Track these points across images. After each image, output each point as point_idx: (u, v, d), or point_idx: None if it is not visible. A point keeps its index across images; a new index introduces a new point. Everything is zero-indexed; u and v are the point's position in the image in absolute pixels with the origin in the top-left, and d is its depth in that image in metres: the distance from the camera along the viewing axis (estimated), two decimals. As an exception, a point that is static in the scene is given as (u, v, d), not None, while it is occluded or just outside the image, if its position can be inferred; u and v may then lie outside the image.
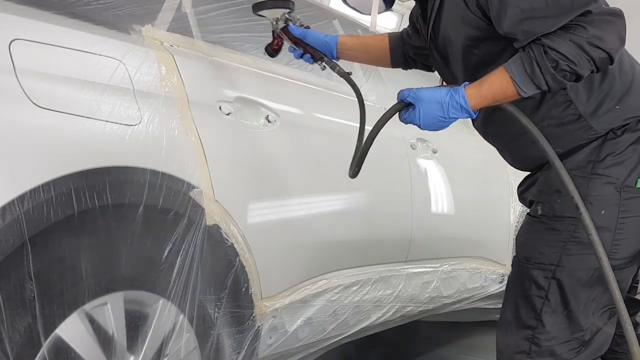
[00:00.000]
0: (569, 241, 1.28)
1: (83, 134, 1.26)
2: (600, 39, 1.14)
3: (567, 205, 1.27)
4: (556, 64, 1.16)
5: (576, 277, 1.28)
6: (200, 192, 1.48)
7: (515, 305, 1.35)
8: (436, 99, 1.28)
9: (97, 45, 1.35)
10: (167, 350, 1.43)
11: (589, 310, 1.30)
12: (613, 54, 1.17)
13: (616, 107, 1.28)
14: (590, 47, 1.14)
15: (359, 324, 2.12)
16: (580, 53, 1.15)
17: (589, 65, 1.17)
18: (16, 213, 1.11)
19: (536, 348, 1.30)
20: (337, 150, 2.04)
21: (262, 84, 1.83)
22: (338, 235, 2.00)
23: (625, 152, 1.26)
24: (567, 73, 1.17)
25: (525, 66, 1.19)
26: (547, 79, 1.18)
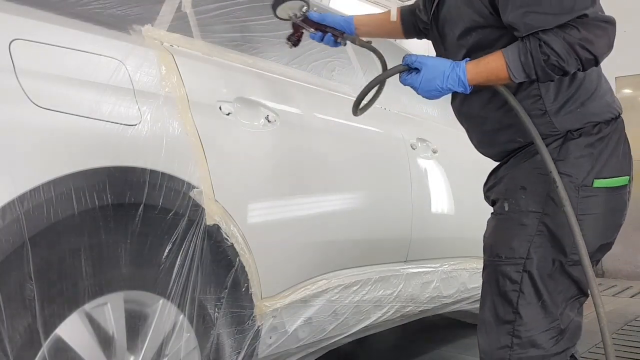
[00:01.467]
0: (535, 234, 1.35)
1: (83, 134, 1.26)
2: (590, 42, 1.24)
3: (532, 200, 1.36)
4: (547, 57, 1.25)
5: (543, 268, 1.34)
6: (200, 192, 1.48)
7: (492, 305, 1.39)
8: (440, 68, 1.37)
9: (97, 45, 1.35)
10: (167, 350, 1.43)
11: (559, 300, 1.36)
12: (599, 58, 1.27)
13: (577, 110, 1.37)
14: (580, 48, 1.24)
15: (359, 324, 2.12)
16: (570, 52, 1.24)
17: (576, 64, 1.26)
18: (16, 213, 1.11)
19: (517, 340, 1.34)
20: (337, 150, 2.05)
21: (262, 84, 1.83)
22: (338, 235, 2.00)
23: (582, 154, 1.34)
24: (556, 68, 1.26)
25: (521, 55, 1.28)
26: (537, 70, 1.28)
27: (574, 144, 1.35)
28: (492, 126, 1.46)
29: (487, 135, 1.50)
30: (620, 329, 3.30)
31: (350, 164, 2.10)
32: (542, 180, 1.34)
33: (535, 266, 1.34)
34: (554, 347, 1.35)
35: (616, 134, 1.39)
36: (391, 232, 2.29)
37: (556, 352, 1.35)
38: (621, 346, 2.96)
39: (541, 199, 1.35)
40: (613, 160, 1.35)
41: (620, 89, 5.21)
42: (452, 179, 2.68)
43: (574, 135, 1.36)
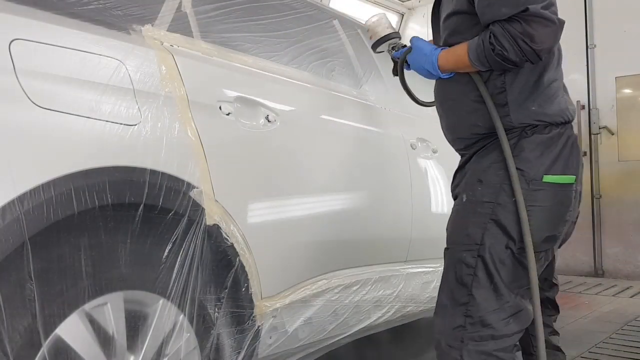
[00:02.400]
0: (488, 222, 1.47)
1: (83, 134, 1.26)
2: (530, 36, 1.37)
3: (487, 191, 1.49)
4: (494, 48, 1.42)
5: (495, 254, 1.45)
6: (200, 192, 1.48)
7: (449, 290, 1.50)
8: (423, 50, 1.62)
9: (97, 45, 1.35)
10: (167, 350, 1.43)
11: (512, 287, 1.45)
12: (540, 52, 1.40)
13: (533, 108, 1.50)
14: (521, 41, 1.38)
15: (359, 324, 2.12)
16: (512, 43, 1.39)
17: (519, 55, 1.40)
18: (16, 213, 1.11)
19: (470, 320, 1.45)
20: (337, 150, 2.05)
21: (262, 84, 1.83)
22: (338, 235, 2.00)
23: (534, 151, 1.47)
24: (502, 58, 1.41)
25: (477, 45, 1.46)
26: (488, 59, 1.44)
27: (527, 142, 1.48)
28: (460, 110, 1.60)
29: (455, 118, 1.64)
30: (620, 329, 3.30)
31: (350, 163, 2.09)
32: (498, 173, 1.48)
33: (487, 252, 1.45)
34: (504, 328, 1.44)
35: (565, 136, 1.51)
36: (391, 232, 2.29)
37: (505, 334, 1.44)
38: (621, 346, 2.96)
39: (495, 190, 1.48)
40: (561, 160, 1.48)
41: (620, 89, 5.21)
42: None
43: (527, 133, 1.49)
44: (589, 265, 5.27)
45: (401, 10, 7.03)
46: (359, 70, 2.42)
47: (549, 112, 1.49)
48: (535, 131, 1.49)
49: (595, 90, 5.28)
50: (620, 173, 5.17)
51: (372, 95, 2.38)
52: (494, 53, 1.41)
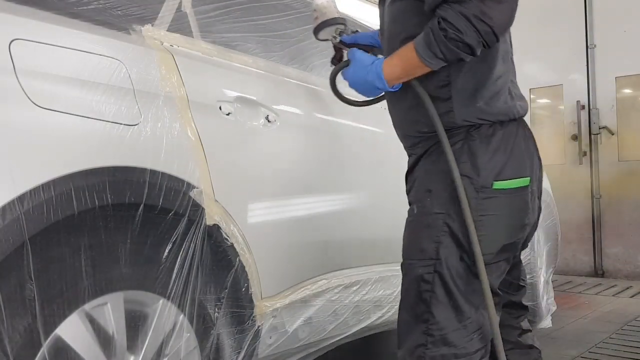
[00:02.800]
0: (441, 234, 1.36)
1: (83, 134, 1.26)
2: (486, 14, 1.23)
3: (437, 202, 1.38)
4: (446, 32, 1.26)
5: (452, 268, 1.35)
6: (200, 192, 1.48)
7: (409, 305, 1.41)
8: (363, 62, 1.43)
9: (97, 45, 1.35)
10: (167, 350, 1.43)
11: (473, 300, 1.37)
12: (497, 31, 1.26)
13: (478, 104, 1.38)
14: (477, 20, 1.23)
15: (359, 324, 2.12)
16: (467, 24, 1.24)
17: (476, 37, 1.25)
18: (16, 213, 1.11)
19: (432, 339, 1.36)
20: (337, 150, 2.05)
21: (262, 84, 1.83)
22: (338, 235, 2.00)
23: (482, 155, 1.35)
24: (457, 42, 1.26)
25: (425, 36, 1.30)
26: (441, 47, 1.28)
27: (475, 146, 1.36)
28: (402, 105, 1.49)
29: (399, 114, 1.54)
30: (620, 329, 3.30)
31: (350, 163, 2.10)
32: (447, 182, 1.36)
33: (444, 267, 1.35)
34: (467, 345, 1.36)
35: (513, 135, 1.39)
36: (391, 232, 2.28)
37: (468, 352, 1.36)
38: (621, 346, 2.96)
39: (445, 200, 1.37)
40: (512, 162, 1.37)
41: (620, 89, 5.21)
42: (452, 179, 2.67)
43: (473, 137, 1.37)
44: (589, 265, 5.27)
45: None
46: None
47: (494, 111, 1.38)
48: (480, 132, 1.37)
49: (595, 90, 5.28)
50: (620, 173, 5.17)
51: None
52: (447, 38, 1.26)
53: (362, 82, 1.43)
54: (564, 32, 5.36)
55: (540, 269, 3.39)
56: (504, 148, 1.37)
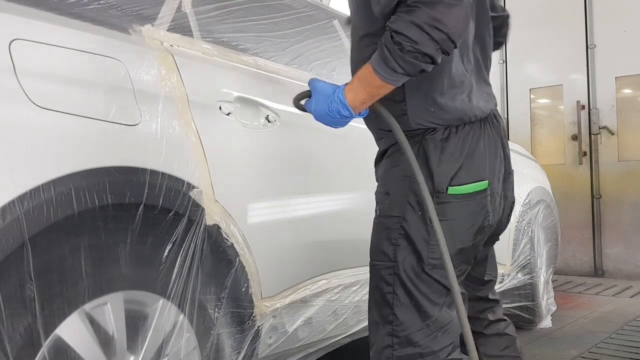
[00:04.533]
0: (398, 237, 1.37)
1: (83, 134, 1.26)
2: (438, 20, 1.16)
3: (394, 205, 1.38)
4: (401, 46, 1.19)
5: (409, 270, 1.36)
6: (200, 192, 1.48)
7: (377, 306, 1.42)
8: (325, 91, 1.37)
9: (97, 45, 1.35)
10: (167, 350, 1.43)
11: (435, 300, 1.37)
12: (452, 36, 1.18)
13: (430, 108, 1.35)
14: (430, 28, 1.17)
15: (359, 324, 2.12)
16: (421, 33, 1.17)
17: (433, 45, 1.18)
18: (16, 213, 1.11)
19: (397, 340, 1.37)
20: (337, 150, 2.05)
21: (262, 84, 1.83)
22: (338, 235, 2.00)
23: (434, 161, 1.34)
24: (415, 54, 1.19)
25: (380, 53, 1.23)
26: (399, 62, 1.21)
27: (429, 150, 1.35)
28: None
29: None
30: (620, 329, 3.30)
31: (351, 163, 2.09)
32: (404, 185, 1.36)
33: (401, 269, 1.36)
34: (432, 344, 1.36)
35: (469, 138, 1.36)
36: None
37: (433, 350, 1.36)
38: (621, 346, 2.96)
39: (402, 204, 1.37)
40: (467, 167, 1.34)
41: (620, 89, 5.21)
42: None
43: (427, 141, 1.36)
44: (589, 265, 5.27)
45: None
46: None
47: (447, 115, 1.35)
48: (434, 137, 1.35)
49: (595, 90, 5.28)
50: (620, 173, 5.17)
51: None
52: (403, 52, 1.19)
53: (326, 114, 1.36)
54: (564, 32, 5.35)
55: (540, 269, 3.39)
56: (459, 152, 1.34)
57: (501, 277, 3.05)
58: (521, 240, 3.18)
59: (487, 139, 1.39)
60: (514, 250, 3.14)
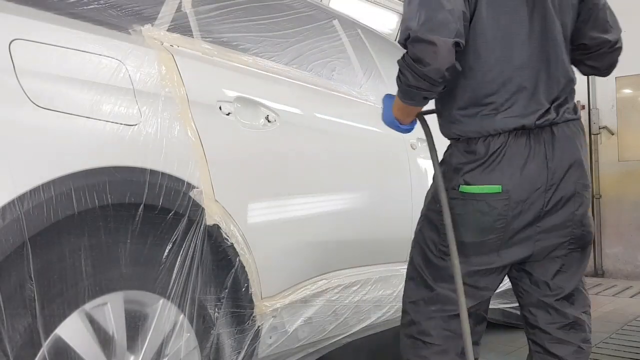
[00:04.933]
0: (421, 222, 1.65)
1: (83, 134, 1.26)
2: (419, 59, 1.35)
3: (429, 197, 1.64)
4: (400, 80, 1.43)
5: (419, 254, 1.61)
6: (200, 192, 1.48)
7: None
8: (387, 104, 1.66)
9: (97, 45, 1.35)
10: (167, 350, 1.43)
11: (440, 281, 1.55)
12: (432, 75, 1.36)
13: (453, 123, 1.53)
14: (415, 63, 1.36)
15: (359, 324, 2.12)
16: (407, 69, 1.39)
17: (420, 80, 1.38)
18: (16, 213, 1.11)
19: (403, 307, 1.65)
20: (337, 150, 2.05)
21: (262, 84, 1.83)
22: (338, 235, 2.00)
23: (454, 164, 1.51)
24: (408, 86, 1.42)
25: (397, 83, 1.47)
26: (403, 92, 1.47)
27: (453, 155, 1.53)
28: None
29: None
30: (620, 329, 3.30)
31: (351, 164, 2.10)
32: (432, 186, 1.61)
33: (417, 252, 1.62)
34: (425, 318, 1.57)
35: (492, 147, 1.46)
36: (391, 232, 2.29)
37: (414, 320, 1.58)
38: (621, 346, 2.96)
39: (430, 196, 1.62)
40: (481, 172, 1.47)
41: (620, 89, 5.21)
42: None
43: (452, 147, 1.55)
44: (589, 265, 5.25)
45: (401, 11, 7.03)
46: (359, 70, 2.42)
47: (465, 129, 1.50)
48: (458, 144, 1.53)
49: (595, 90, 5.28)
50: (620, 173, 5.17)
51: (372, 95, 2.38)
52: (402, 84, 1.43)
53: (389, 124, 1.67)
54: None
55: (540, 269, 3.39)
56: (479, 159, 1.47)
57: (501, 277, 3.04)
58: (521, 240, 3.18)
59: (520, 149, 1.46)
60: (514, 250, 3.14)
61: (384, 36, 3.05)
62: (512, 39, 1.47)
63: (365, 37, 2.65)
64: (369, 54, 2.58)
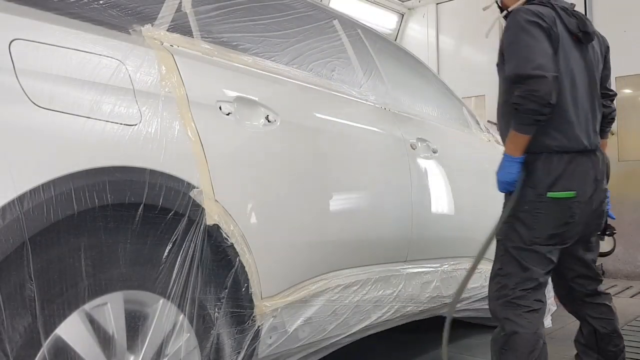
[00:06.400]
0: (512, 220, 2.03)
1: (83, 134, 1.26)
2: (534, 89, 1.82)
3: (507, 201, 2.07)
4: (517, 110, 1.88)
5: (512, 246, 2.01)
6: (200, 192, 1.48)
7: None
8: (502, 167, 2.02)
9: (97, 45, 1.35)
10: (167, 350, 1.43)
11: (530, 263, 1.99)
12: (541, 100, 1.82)
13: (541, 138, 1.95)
14: (532, 91, 1.83)
15: (359, 324, 2.12)
16: (525, 99, 1.84)
17: (535, 104, 1.83)
18: (16, 213, 1.11)
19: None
20: (337, 150, 2.05)
21: (262, 84, 1.83)
22: (338, 235, 2.00)
23: (540, 174, 1.96)
24: (526, 113, 1.86)
25: (513, 115, 1.93)
26: (517, 123, 1.91)
27: (538, 167, 1.96)
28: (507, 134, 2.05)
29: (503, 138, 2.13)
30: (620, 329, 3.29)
31: (350, 164, 2.10)
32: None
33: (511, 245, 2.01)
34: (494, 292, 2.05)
35: (568, 161, 1.95)
36: (391, 232, 2.29)
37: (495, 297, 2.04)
38: (621, 346, 2.95)
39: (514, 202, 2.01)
40: (562, 180, 1.94)
41: (620, 89, 5.21)
42: (452, 179, 2.68)
43: (537, 159, 1.96)
44: (589, 266, 5.26)
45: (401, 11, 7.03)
46: (358, 70, 2.42)
47: (551, 143, 1.95)
48: (540, 157, 1.95)
49: (595, 90, 5.27)
50: (620, 173, 5.17)
51: (372, 95, 2.38)
52: (520, 113, 1.86)
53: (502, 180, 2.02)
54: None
55: (540, 269, 3.39)
56: (558, 169, 1.94)
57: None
58: (521, 240, 3.18)
59: (581, 165, 1.97)
60: (514, 250, 3.14)
61: (384, 36, 3.05)
62: (575, 79, 1.97)
63: (365, 37, 2.65)
64: (369, 54, 2.58)
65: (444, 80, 3.41)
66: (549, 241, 1.98)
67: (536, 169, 1.96)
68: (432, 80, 3.27)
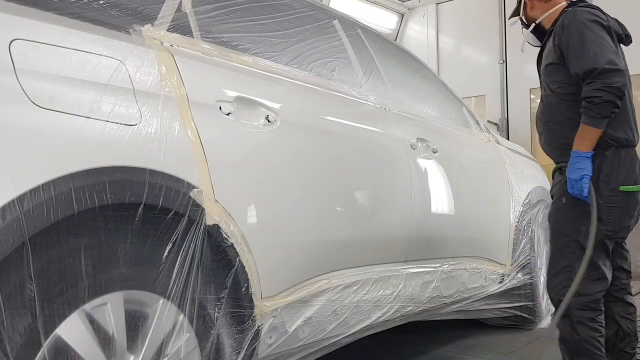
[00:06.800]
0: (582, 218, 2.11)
1: (83, 134, 1.26)
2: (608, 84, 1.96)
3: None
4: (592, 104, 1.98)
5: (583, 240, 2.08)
6: (200, 192, 1.48)
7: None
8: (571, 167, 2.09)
9: (97, 45, 1.35)
10: (167, 350, 1.43)
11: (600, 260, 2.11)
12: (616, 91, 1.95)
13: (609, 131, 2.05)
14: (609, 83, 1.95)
15: (359, 323, 2.12)
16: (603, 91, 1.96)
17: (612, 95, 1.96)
18: (16, 213, 1.11)
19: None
20: (337, 150, 2.05)
21: (262, 84, 1.83)
22: (338, 235, 2.00)
23: (612, 169, 2.05)
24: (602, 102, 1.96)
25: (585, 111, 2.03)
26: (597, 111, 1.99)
27: (608, 160, 2.05)
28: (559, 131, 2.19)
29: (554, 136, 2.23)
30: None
31: (350, 163, 2.10)
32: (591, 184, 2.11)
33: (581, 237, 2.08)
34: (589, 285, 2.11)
35: (630, 156, 2.08)
36: (391, 232, 2.29)
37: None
38: (621, 346, 2.95)
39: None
40: (629, 174, 2.07)
41: (620, 89, 5.21)
42: (452, 179, 2.68)
43: (606, 155, 2.05)
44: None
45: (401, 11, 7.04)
46: (358, 70, 2.42)
47: (617, 135, 2.05)
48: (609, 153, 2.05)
49: (595, 90, 5.27)
50: (620, 173, 5.17)
51: (372, 95, 2.38)
52: (595, 105, 1.96)
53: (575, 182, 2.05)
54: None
55: (540, 269, 3.39)
56: (625, 165, 2.07)
57: (501, 277, 3.05)
58: (521, 240, 3.18)
59: (636, 159, 2.10)
60: (514, 250, 3.14)
61: (384, 36, 3.05)
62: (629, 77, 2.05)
63: (365, 37, 2.65)
64: (369, 54, 2.58)
65: (444, 80, 3.42)
66: (619, 234, 2.12)
67: (606, 163, 2.05)
68: (432, 80, 3.27)
